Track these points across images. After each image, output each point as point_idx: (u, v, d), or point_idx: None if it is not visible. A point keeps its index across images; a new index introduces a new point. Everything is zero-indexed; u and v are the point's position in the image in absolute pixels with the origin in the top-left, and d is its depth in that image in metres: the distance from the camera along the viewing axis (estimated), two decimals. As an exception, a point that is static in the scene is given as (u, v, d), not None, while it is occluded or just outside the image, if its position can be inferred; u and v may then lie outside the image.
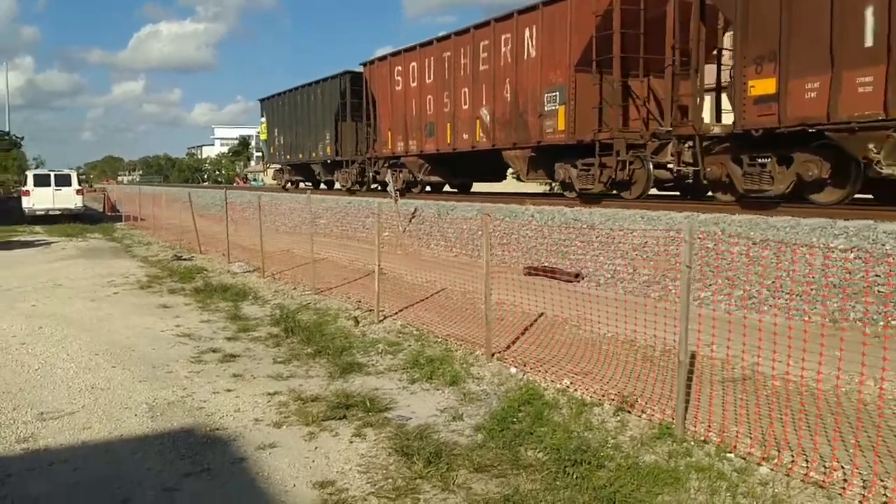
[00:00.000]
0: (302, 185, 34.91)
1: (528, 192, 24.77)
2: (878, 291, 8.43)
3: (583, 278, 12.16)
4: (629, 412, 5.91)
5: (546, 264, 13.15)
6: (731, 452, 5.01)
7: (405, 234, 18.44)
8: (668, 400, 6.07)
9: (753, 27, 11.90)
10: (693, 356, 7.56)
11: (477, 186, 26.44)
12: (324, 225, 23.50)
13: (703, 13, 13.16)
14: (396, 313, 10.30)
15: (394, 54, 23.51)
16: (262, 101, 36.53)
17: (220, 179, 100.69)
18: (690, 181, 14.87)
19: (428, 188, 25.18)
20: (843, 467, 4.69)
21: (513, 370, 7.21)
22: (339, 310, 10.74)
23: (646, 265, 11.53)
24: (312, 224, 14.90)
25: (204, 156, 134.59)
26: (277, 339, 9.15)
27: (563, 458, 5.04)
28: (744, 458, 4.92)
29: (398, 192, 19.24)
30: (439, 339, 8.66)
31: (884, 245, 8.98)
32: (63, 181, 29.72)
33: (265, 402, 6.64)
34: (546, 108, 16.80)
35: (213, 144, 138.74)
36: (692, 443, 5.24)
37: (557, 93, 16.49)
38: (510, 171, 21.28)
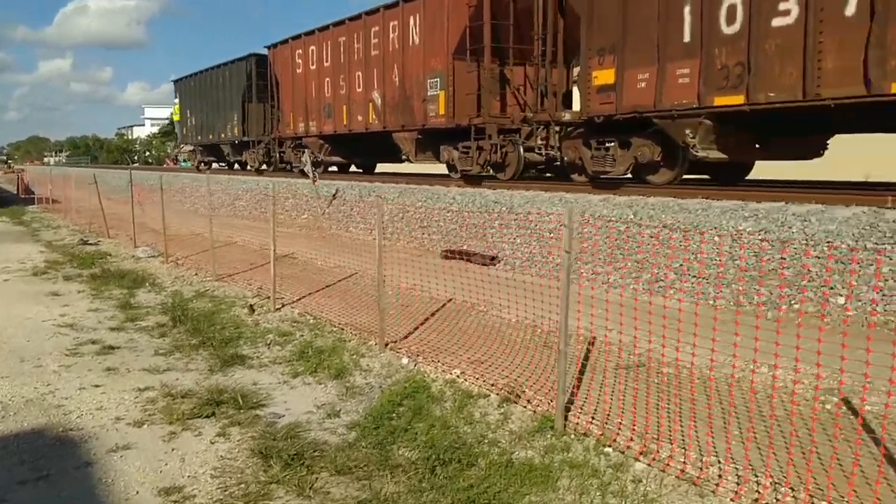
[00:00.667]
0: (215, 165, 35.02)
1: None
2: (784, 275, 8.36)
3: (499, 262, 11.91)
4: (516, 403, 5.63)
5: (465, 247, 12.86)
6: (609, 447, 4.77)
7: (325, 216, 17.93)
8: (557, 391, 5.82)
9: (598, 22, 12.69)
10: (591, 342, 7.37)
11: (411, 168, 25.87)
12: (242, 207, 22.86)
13: (563, 8, 13.93)
14: (298, 300, 9.87)
15: (295, 38, 23.91)
16: (175, 82, 36.46)
17: (149, 161, 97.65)
18: (558, 164, 15.53)
19: (334, 168, 25.43)
20: (720, 462, 4.49)
21: (404, 360, 6.87)
22: (237, 297, 10.25)
23: (559, 248, 11.33)
24: (210, 207, 14.19)
25: (134, 136, 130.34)
26: (164, 329, 8.63)
27: (434, 457, 4.74)
28: (622, 453, 4.68)
29: (316, 173, 18.67)
30: (335, 329, 8.26)
31: (790, 228, 8.93)
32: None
33: (132, 398, 6.16)
34: (429, 93, 17.46)
35: (143, 125, 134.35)
36: (572, 436, 4.99)
37: (438, 79, 17.10)
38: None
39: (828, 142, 12.52)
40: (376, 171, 26.66)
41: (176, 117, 37.89)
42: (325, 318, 8.74)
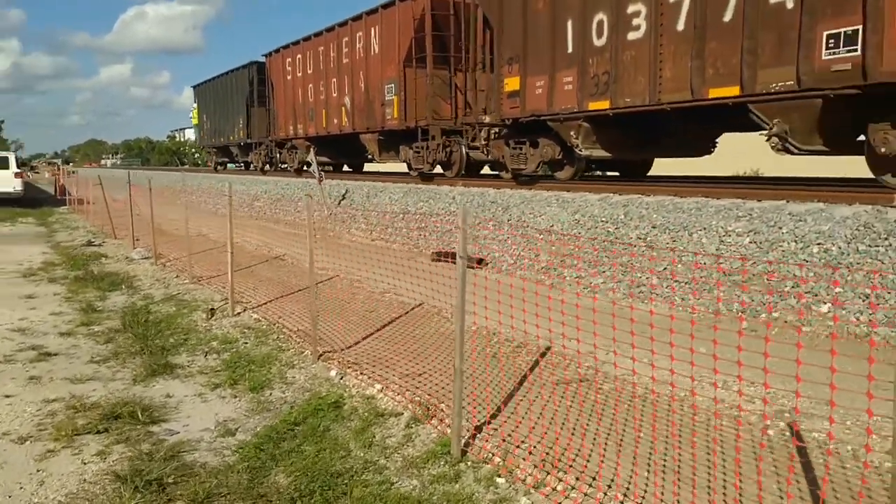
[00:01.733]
0: (231, 165, 36.81)
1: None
2: (767, 280, 7.63)
3: (486, 264, 11.35)
4: (426, 424, 5.10)
5: (454, 250, 12.33)
6: (502, 477, 4.20)
7: (331, 217, 17.57)
8: (483, 407, 5.28)
9: (507, 33, 13.88)
10: (546, 351, 6.79)
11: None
12: (259, 207, 22.69)
13: (487, 21, 14.77)
14: (264, 304, 9.48)
15: (285, 46, 25.76)
16: (194, 87, 38.54)
17: (198, 162, 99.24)
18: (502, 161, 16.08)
19: (329, 168, 26.38)
20: (624, 498, 3.90)
21: (332, 373, 6.39)
22: (205, 300, 9.90)
23: (547, 250, 10.72)
24: (187, 206, 13.86)
25: (186, 138, 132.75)
26: (114, 334, 8.31)
27: (307, 486, 4.24)
28: (514, 484, 4.12)
29: (322, 173, 18.32)
30: (284, 336, 7.83)
31: (781, 228, 8.18)
32: (1, 164, 28.61)
33: (34, 410, 5.81)
34: (386, 98, 19.04)
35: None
36: (469, 464, 4.43)
37: (393, 84, 18.58)
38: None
39: (716, 140, 13.45)
40: (364, 170, 28.06)
41: (195, 121, 40.38)
42: (279, 325, 8.31)
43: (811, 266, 7.35)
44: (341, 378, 6.23)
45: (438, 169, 18.43)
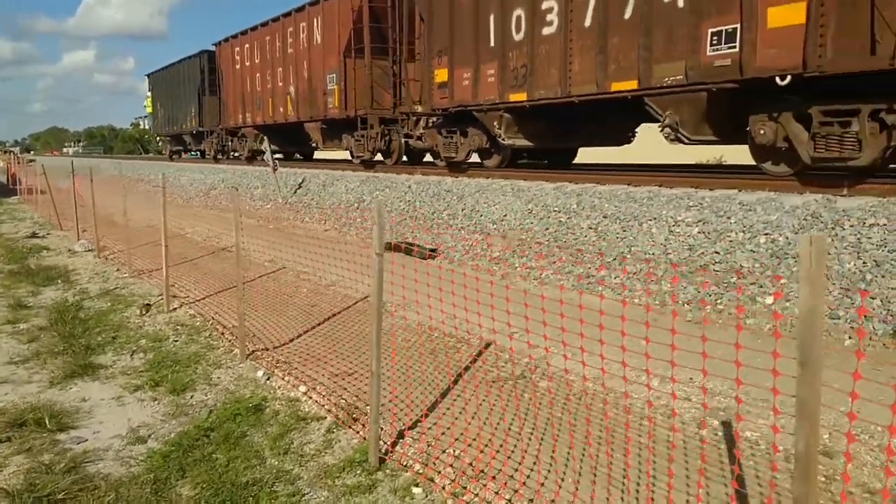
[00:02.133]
0: (184, 154, 37.28)
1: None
2: (714, 271, 7.45)
3: (439, 255, 11.09)
4: (349, 429, 4.83)
5: (408, 240, 12.05)
6: (419, 486, 3.95)
7: (286, 205, 17.18)
8: (411, 409, 5.03)
9: (436, 26, 14.39)
10: (484, 348, 6.55)
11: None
12: (216, 196, 22.21)
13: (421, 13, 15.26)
14: (203, 298, 9.13)
15: (234, 36, 26.33)
16: (148, 76, 39.17)
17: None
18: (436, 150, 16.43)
19: (279, 156, 26.35)
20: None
21: (259, 374, 6.09)
22: (141, 295, 9.54)
23: (500, 241, 10.48)
24: (125, 194, 13.33)
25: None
26: (39, 332, 7.90)
27: (211, 499, 3.95)
28: (433, 493, 3.87)
29: (276, 161, 17.91)
30: (217, 333, 7.50)
31: (729, 218, 8.01)
32: (-53, 153, 27.66)
33: (-65, 418, 5.43)
34: (328, 87, 19.62)
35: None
36: (388, 472, 4.18)
37: (335, 74, 19.14)
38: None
39: (635, 130, 13.86)
40: (315, 157, 28.59)
41: (149, 109, 40.62)
42: (213, 321, 7.98)
43: (758, 257, 7.18)
44: (268, 379, 5.93)
45: (379, 157, 18.96)
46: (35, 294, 10.00)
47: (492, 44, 12.81)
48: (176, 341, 7.32)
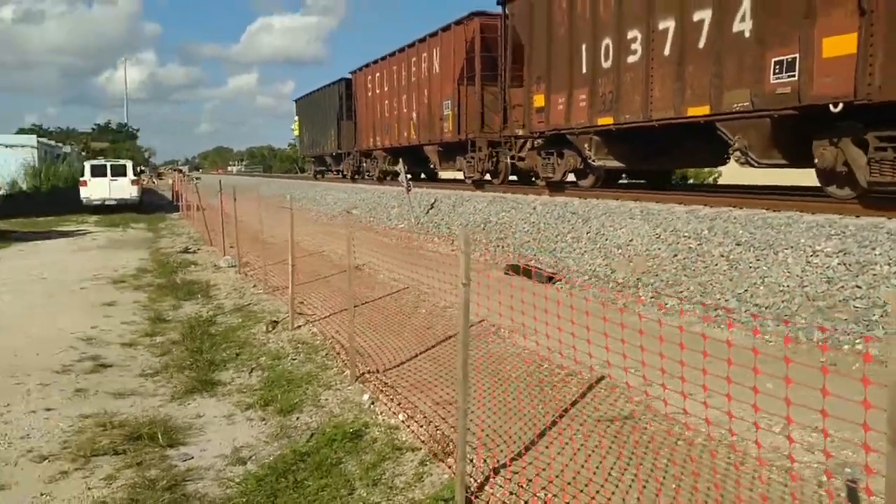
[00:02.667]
0: (327, 174, 39.72)
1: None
2: (854, 307, 6.79)
3: (559, 280, 10.83)
4: (441, 462, 4.72)
5: (530, 262, 11.88)
6: (502, 536, 3.78)
7: (419, 225, 17.43)
8: (508, 446, 4.86)
9: (535, 54, 15.61)
10: (595, 383, 6.27)
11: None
12: (356, 214, 22.83)
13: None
14: (327, 316, 9.35)
15: (366, 65, 28.88)
16: (296, 101, 42.53)
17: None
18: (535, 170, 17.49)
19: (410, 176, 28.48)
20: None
21: (364, 397, 6.10)
22: (271, 312, 9.89)
23: (625, 266, 10.10)
24: (261, 208, 13.83)
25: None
26: (171, 346, 8.35)
27: (295, 529, 3.95)
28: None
29: (410, 182, 18.20)
30: (333, 353, 7.63)
31: (874, 250, 7.29)
32: (119, 172, 30.14)
33: (65, 426, 5.81)
34: (444, 113, 21.30)
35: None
36: (473, 515, 4.03)
37: (450, 101, 20.81)
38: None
39: (729, 151, 12.67)
40: (440, 177, 29.60)
41: (296, 133, 43.77)
42: (335, 340, 8.13)
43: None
44: (372, 404, 5.94)
45: (488, 177, 19.98)
46: (176, 308, 10.61)
47: (583, 71, 13.76)
48: (294, 360, 7.51)
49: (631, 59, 12.38)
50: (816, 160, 9.47)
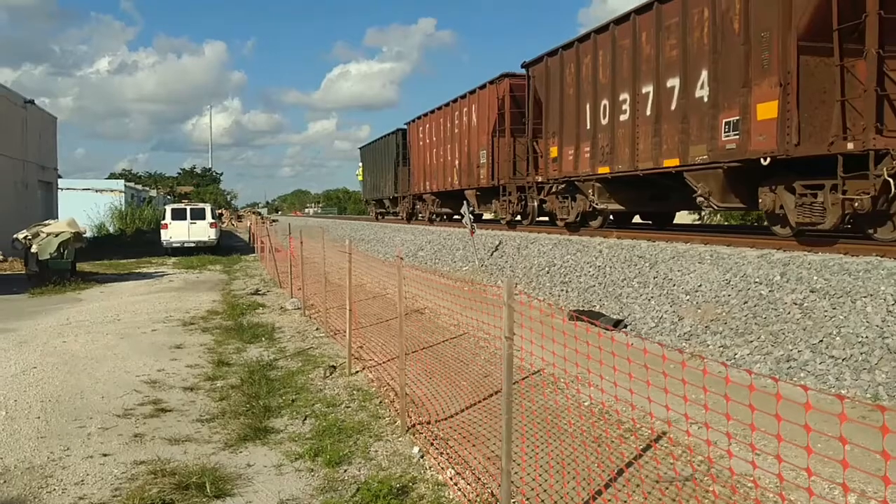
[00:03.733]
0: (389, 216, 42.97)
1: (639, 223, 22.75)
2: (941, 361, 6.32)
3: (625, 326, 10.52)
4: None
5: (594, 307, 11.60)
6: None
7: (482, 268, 17.31)
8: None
9: (550, 111, 18.63)
10: (659, 437, 5.98)
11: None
12: (422, 257, 22.88)
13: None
14: (385, 362, 9.28)
15: (419, 117, 32.54)
16: (360, 149, 47.92)
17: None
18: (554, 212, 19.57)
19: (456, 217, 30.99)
20: None
21: (415, 450, 5.96)
22: (330, 356, 9.89)
23: (693, 313, 9.73)
24: (324, 248, 13.87)
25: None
26: (230, 391, 8.38)
27: None
28: None
29: (474, 223, 18.15)
30: (388, 401, 7.53)
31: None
32: (198, 214, 31.10)
33: (119, 472, 5.84)
34: (481, 161, 24.51)
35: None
36: (516, 584, 3.82)
37: (485, 151, 24.03)
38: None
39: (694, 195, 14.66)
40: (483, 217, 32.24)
41: (360, 178, 48.46)
42: (389, 387, 8.04)
43: None
44: (421, 457, 5.80)
45: (518, 218, 22.39)
46: (240, 351, 10.72)
47: (588, 126, 16.35)
48: (348, 408, 7.43)
49: (622, 117, 14.94)
50: (760, 204, 11.50)
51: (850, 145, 9.55)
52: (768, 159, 10.62)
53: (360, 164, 46.87)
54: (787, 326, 8.10)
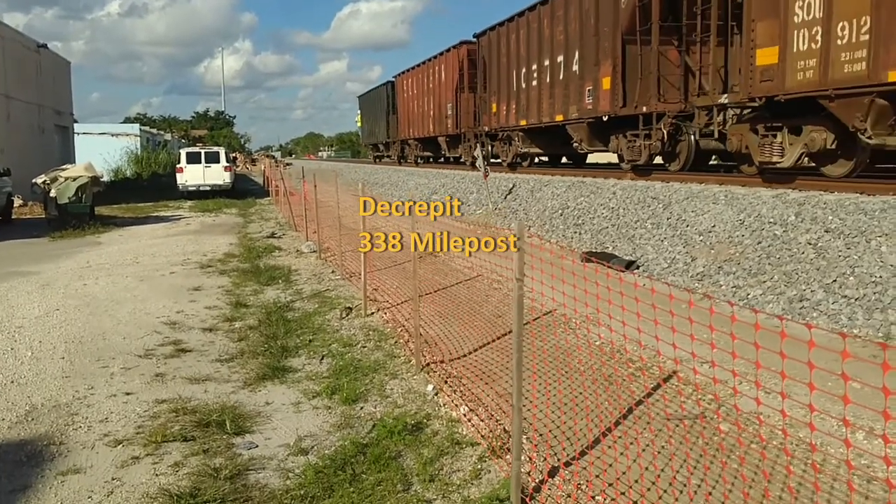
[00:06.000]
0: (384, 158, 47.18)
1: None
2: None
3: (637, 268, 10.55)
4: (499, 458, 4.65)
5: (608, 249, 11.61)
6: (554, 539, 3.69)
7: (496, 211, 17.31)
8: (573, 442, 4.76)
9: (490, 75, 24.05)
10: (670, 376, 6.07)
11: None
12: (437, 199, 22.85)
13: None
14: (400, 304, 9.39)
15: (405, 72, 36.86)
16: (358, 97, 52.54)
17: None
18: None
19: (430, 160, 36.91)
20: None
21: (429, 388, 6.09)
22: (346, 298, 10.02)
23: (706, 254, 9.73)
24: (338, 191, 13.90)
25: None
26: (249, 331, 8.53)
27: (347, 525, 3.96)
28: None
29: (487, 167, 18.08)
30: (402, 342, 7.65)
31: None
32: (212, 158, 31.12)
33: (141, 411, 6.02)
34: (448, 113, 29.49)
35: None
36: (526, 516, 3.95)
37: (451, 104, 29.13)
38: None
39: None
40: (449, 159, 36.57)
41: (359, 124, 53.44)
42: (403, 328, 8.16)
43: None
44: (435, 394, 5.92)
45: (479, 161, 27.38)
46: (257, 293, 10.87)
47: (514, 88, 21.80)
48: (364, 348, 7.57)
49: (533, 83, 20.30)
50: (610, 147, 17.33)
51: (644, 108, 15.19)
52: (607, 117, 16.36)
53: (359, 111, 51.45)
54: (801, 266, 8.10)
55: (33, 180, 20.45)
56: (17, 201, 24.30)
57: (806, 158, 11.14)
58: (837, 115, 9.83)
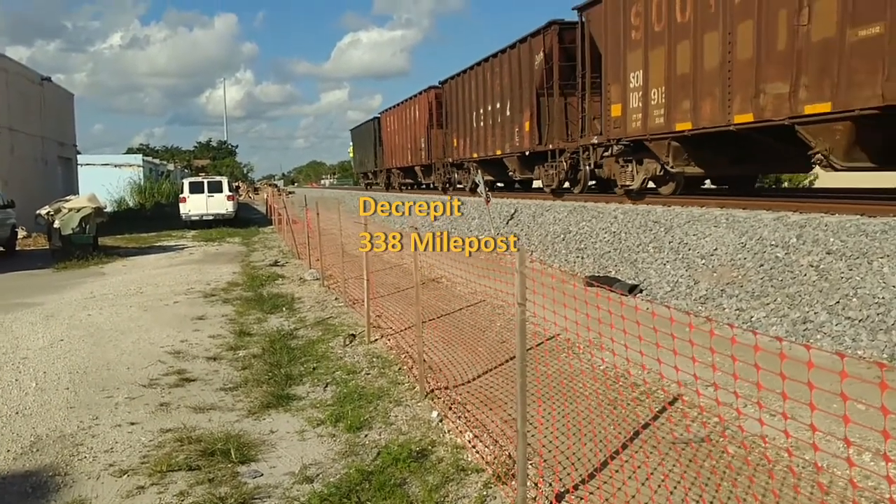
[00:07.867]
0: (374, 185, 50.34)
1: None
2: (958, 321, 6.34)
3: (640, 291, 10.56)
4: (508, 486, 4.64)
5: (610, 273, 11.64)
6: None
7: (497, 236, 17.34)
8: (579, 468, 4.75)
9: (451, 116, 28.96)
10: (674, 400, 6.06)
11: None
12: (438, 227, 22.91)
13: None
14: (403, 330, 9.40)
15: (388, 110, 41.53)
16: (351, 131, 58.14)
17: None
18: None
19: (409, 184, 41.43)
20: None
21: (433, 414, 6.09)
22: (350, 325, 10.04)
23: (708, 277, 9.75)
24: (340, 216, 13.95)
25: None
26: (253, 360, 8.54)
27: (354, 552, 3.95)
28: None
29: (489, 192, 18.16)
30: (406, 368, 7.66)
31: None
32: (215, 188, 31.32)
33: (146, 440, 6.02)
34: (422, 146, 33.43)
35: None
36: (533, 542, 3.93)
37: (424, 138, 33.09)
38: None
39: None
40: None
41: (351, 154, 59.29)
42: (408, 354, 8.16)
43: None
44: (440, 421, 5.92)
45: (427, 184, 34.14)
46: (261, 321, 10.89)
47: (473, 126, 26.24)
48: (368, 375, 7.57)
49: (482, 122, 25.37)
50: (535, 175, 21.69)
51: (551, 146, 19.45)
52: (529, 152, 20.75)
53: (351, 143, 56.86)
54: (804, 289, 8.11)
55: (37, 212, 20.56)
56: (21, 233, 24.39)
57: (650, 182, 15.45)
58: (654, 152, 14.18)
